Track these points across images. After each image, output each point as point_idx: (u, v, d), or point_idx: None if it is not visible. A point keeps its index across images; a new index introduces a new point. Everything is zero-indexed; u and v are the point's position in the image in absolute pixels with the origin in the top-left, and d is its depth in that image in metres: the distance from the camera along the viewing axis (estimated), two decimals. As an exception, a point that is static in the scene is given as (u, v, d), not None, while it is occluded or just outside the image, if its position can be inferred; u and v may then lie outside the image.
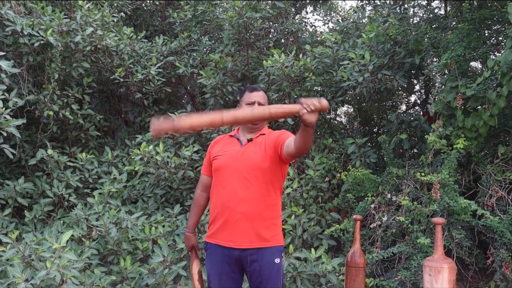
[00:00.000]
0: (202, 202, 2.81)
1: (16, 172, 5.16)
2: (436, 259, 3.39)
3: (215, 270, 2.58)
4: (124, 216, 4.30)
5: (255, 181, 2.52)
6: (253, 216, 2.50)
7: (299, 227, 4.47)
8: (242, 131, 2.72)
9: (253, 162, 2.54)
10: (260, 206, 2.52)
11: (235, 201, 2.50)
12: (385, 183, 4.55)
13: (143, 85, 5.61)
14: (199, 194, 2.81)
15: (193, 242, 2.83)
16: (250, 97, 2.65)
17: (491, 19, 4.45)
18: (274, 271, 2.54)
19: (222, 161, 2.61)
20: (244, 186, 2.51)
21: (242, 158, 2.57)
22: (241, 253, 2.50)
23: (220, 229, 2.54)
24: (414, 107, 6.59)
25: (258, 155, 2.56)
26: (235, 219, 2.49)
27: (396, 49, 4.99)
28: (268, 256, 2.52)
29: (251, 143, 2.62)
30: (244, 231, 2.49)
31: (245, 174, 2.52)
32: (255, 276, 2.52)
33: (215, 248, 2.57)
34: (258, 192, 2.52)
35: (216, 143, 2.79)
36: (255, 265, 2.50)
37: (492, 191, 4.16)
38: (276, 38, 6.27)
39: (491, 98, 3.82)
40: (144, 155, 4.69)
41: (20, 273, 3.08)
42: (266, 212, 2.55)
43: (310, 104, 2.04)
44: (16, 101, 4.34)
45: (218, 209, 2.56)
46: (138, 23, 6.94)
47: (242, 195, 2.50)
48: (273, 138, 2.60)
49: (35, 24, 4.72)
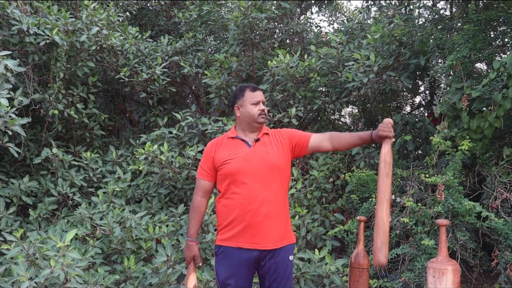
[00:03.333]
0: (203, 209, 2.70)
1: (21, 170, 5.17)
2: (440, 261, 3.38)
3: (231, 273, 2.53)
4: (128, 216, 4.30)
5: (273, 181, 2.54)
6: (274, 216, 2.51)
7: (303, 227, 4.47)
8: (242, 131, 2.68)
9: (269, 162, 2.55)
10: (279, 206, 2.55)
11: (257, 203, 2.48)
12: (389, 184, 4.53)
13: (148, 85, 5.62)
14: (199, 201, 2.70)
15: (195, 252, 2.68)
16: (255, 96, 2.64)
17: (497, 20, 4.43)
18: (288, 268, 2.57)
19: (236, 164, 2.54)
20: (263, 187, 2.50)
21: (255, 159, 2.55)
22: (261, 254, 2.51)
23: (241, 232, 2.50)
24: (419, 108, 6.57)
25: (272, 154, 2.57)
26: (258, 221, 2.48)
27: (401, 50, 4.98)
28: (284, 254, 2.55)
29: (259, 143, 2.62)
30: (267, 232, 2.49)
31: (262, 174, 2.52)
32: (270, 274, 2.53)
33: (232, 251, 2.53)
34: (276, 192, 2.54)
35: (217, 146, 2.68)
36: (271, 263, 2.52)
37: (497, 193, 4.14)
38: (281, 38, 6.28)
39: (497, 99, 3.80)
40: (149, 155, 4.70)
41: (24, 271, 3.08)
42: (283, 211, 2.58)
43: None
44: (22, 100, 4.35)
45: (237, 213, 2.51)
46: (143, 23, 6.95)
47: (263, 196, 2.49)
48: (287, 138, 2.66)
49: (41, 23, 4.73)
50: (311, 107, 5.36)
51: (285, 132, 2.71)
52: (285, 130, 2.73)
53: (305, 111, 5.39)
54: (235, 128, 2.72)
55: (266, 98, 5.37)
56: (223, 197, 2.59)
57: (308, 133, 2.68)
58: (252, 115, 2.61)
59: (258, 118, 2.62)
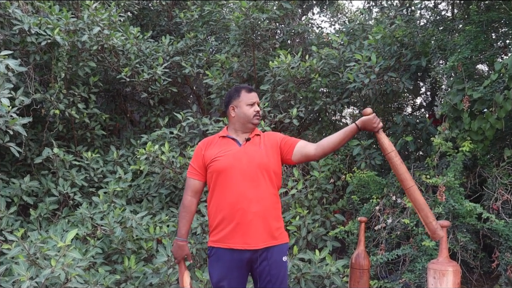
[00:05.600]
0: (193, 208, 2.67)
1: (22, 170, 5.18)
2: (441, 262, 3.38)
3: (224, 275, 2.53)
4: (129, 216, 4.30)
5: (262, 180, 2.53)
6: (264, 215, 2.51)
7: (304, 228, 4.47)
8: (234, 131, 2.68)
9: (258, 161, 2.55)
10: (269, 204, 2.54)
11: (246, 202, 2.48)
12: (390, 185, 4.54)
13: (149, 85, 5.62)
14: (189, 200, 2.66)
15: (186, 251, 2.68)
16: (251, 97, 2.66)
17: (499, 21, 4.43)
18: (282, 269, 2.56)
19: (225, 162, 2.55)
20: (252, 186, 2.50)
21: (245, 158, 2.55)
22: (253, 255, 2.49)
23: (231, 232, 2.49)
24: (420, 109, 6.57)
25: (261, 154, 2.58)
26: (248, 220, 2.47)
27: (403, 51, 4.98)
28: (277, 255, 2.54)
29: (249, 143, 2.63)
30: (257, 231, 2.48)
31: (251, 173, 2.52)
32: (264, 275, 2.52)
33: (224, 253, 2.52)
34: (266, 190, 2.54)
35: (208, 145, 2.68)
36: (264, 264, 2.51)
37: (498, 194, 4.14)
38: (282, 39, 6.28)
39: (498, 101, 3.80)
40: (150, 155, 4.70)
41: (25, 271, 3.08)
42: (274, 210, 2.57)
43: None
44: (23, 100, 4.36)
45: (226, 212, 2.50)
46: (144, 23, 6.96)
47: (252, 194, 2.49)
48: (275, 140, 2.67)
49: (43, 23, 4.74)
50: (312, 108, 5.36)
51: (277, 134, 2.73)
52: (277, 133, 2.76)
53: (306, 112, 5.39)
54: (227, 128, 2.73)
55: (267, 99, 5.38)
56: (213, 197, 2.59)
57: (297, 140, 2.67)
58: (247, 116, 2.63)
59: (253, 119, 2.64)
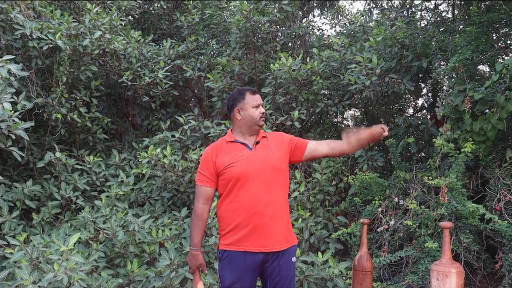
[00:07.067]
0: (205, 216, 2.64)
1: (24, 174, 5.19)
2: (444, 263, 3.37)
3: (237, 278, 2.52)
4: (131, 219, 4.31)
5: (276, 183, 2.56)
6: (279, 217, 2.54)
7: (306, 230, 4.46)
8: (241, 134, 2.66)
9: (271, 164, 2.56)
10: (283, 207, 2.58)
11: (262, 205, 2.49)
12: (392, 187, 4.54)
13: (150, 89, 5.63)
14: (201, 208, 2.63)
15: (200, 261, 2.62)
16: (256, 99, 2.66)
17: (499, 22, 4.43)
18: (291, 270, 2.60)
19: (240, 168, 2.53)
20: (267, 189, 2.52)
21: (258, 162, 2.56)
22: (266, 257, 2.51)
23: (247, 236, 2.50)
24: (422, 110, 6.57)
25: (273, 156, 2.59)
26: (264, 223, 2.49)
27: (404, 53, 4.98)
28: (287, 256, 2.57)
29: (259, 146, 2.63)
30: (273, 234, 2.51)
31: (266, 176, 2.53)
32: (274, 276, 2.54)
33: (237, 255, 2.52)
34: (279, 193, 2.57)
35: (217, 151, 2.64)
36: (274, 265, 2.53)
37: (500, 195, 4.13)
38: (283, 41, 6.28)
39: (500, 101, 3.80)
40: (152, 158, 4.71)
41: (27, 275, 3.09)
42: (285, 212, 2.61)
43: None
44: (25, 104, 4.37)
45: (243, 216, 2.50)
46: (145, 27, 6.97)
47: (268, 198, 2.51)
48: (283, 140, 2.70)
49: (44, 27, 4.75)
50: (314, 110, 5.36)
51: (283, 135, 2.75)
52: (283, 133, 2.78)
53: (307, 114, 5.39)
54: (232, 132, 2.71)
55: (268, 101, 5.38)
56: (226, 201, 2.57)
57: (306, 140, 2.76)
58: (254, 118, 2.63)
59: (259, 121, 2.64)
